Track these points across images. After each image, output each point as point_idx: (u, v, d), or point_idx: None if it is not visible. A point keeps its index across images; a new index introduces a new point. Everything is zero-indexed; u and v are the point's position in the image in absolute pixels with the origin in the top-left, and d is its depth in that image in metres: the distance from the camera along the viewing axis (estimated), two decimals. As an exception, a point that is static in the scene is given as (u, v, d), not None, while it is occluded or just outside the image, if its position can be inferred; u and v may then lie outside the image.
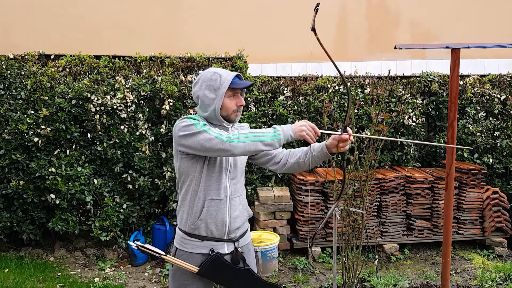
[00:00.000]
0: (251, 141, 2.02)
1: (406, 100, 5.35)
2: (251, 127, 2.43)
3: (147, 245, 2.20)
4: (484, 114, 5.57)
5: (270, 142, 2.03)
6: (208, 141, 2.02)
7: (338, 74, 5.62)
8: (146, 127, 4.79)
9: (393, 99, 5.34)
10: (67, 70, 5.03)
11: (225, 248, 2.24)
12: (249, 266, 2.31)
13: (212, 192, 2.19)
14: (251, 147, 2.02)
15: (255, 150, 2.05)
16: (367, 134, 5.07)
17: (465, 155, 5.39)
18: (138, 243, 2.22)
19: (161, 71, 5.07)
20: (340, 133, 2.18)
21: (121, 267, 4.60)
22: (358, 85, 5.40)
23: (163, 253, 2.21)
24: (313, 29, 2.14)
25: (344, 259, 3.86)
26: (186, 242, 2.23)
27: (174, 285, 2.26)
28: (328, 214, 2.54)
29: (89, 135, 4.75)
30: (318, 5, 2.10)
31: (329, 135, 2.17)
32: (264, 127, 5.19)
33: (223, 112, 2.19)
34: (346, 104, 5.25)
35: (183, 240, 2.24)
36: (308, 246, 4.73)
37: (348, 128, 2.19)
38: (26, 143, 4.56)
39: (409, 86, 5.55)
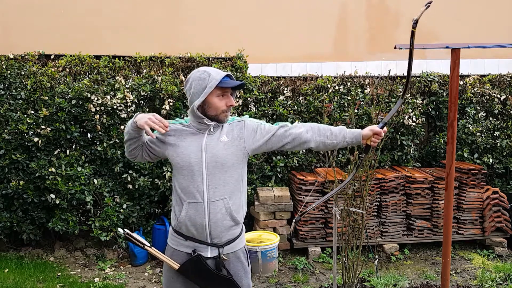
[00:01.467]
0: (126, 129, 2.24)
1: (406, 100, 5.35)
2: None
3: (134, 234, 2.23)
4: (484, 114, 5.57)
5: (126, 130, 2.23)
6: None
7: (339, 74, 5.64)
8: (146, 127, 4.79)
9: (393, 99, 5.34)
10: (67, 70, 5.03)
11: (209, 252, 2.21)
12: (232, 275, 2.23)
13: (188, 195, 2.17)
14: (126, 135, 2.24)
15: (128, 139, 2.24)
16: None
17: (465, 155, 5.39)
18: (126, 230, 2.24)
19: (161, 71, 5.07)
20: (380, 127, 2.25)
21: (121, 267, 4.60)
22: (358, 85, 5.40)
23: (148, 244, 2.24)
24: (416, 22, 2.15)
25: (344, 259, 3.86)
26: (173, 238, 2.27)
27: (164, 278, 2.32)
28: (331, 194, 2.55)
29: (89, 135, 4.75)
30: (430, 2, 2.13)
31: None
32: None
33: (212, 111, 2.18)
34: (346, 104, 5.25)
35: (171, 236, 2.30)
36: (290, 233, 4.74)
37: (385, 128, 2.27)
38: (26, 143, 4.56)
39: (409, 86, 5.55)
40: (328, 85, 5.32)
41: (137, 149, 2.27)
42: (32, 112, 4.58)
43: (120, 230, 2.28)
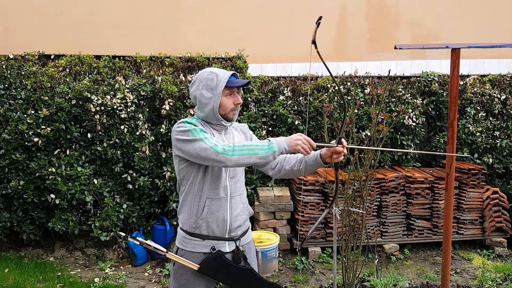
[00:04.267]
0: (245, 154, 2.05)
1: (406, 100, 5.35)
2: (250, 128, 2.44)
3: (149, 241, 2.20)
4: (484, 114, 5.57)
5: (264, 155, 2.05)
6: (203, 151, 2.04)
7: (339, 74, 5.64)
8: (146, 127, 4.79)
9: (393, 99, 5.34)
10: (67, 70, 5.03)
11: (227, 247, 2.25)
12: (250, 265, 2.32)
13: (212, 191, 2.20)
14: (244, 160, 2.05)
15: (248, 163, 2.07)
16: (363, 142, 5.07)
17: (465, 155, 5.39)
18: (140, 239, 2.20)
19: (161, 71, 5.07)
20: (335, 145, 2.17)
21: (121, 267, 4.60)
22: (358, 85, 5.40)
23: (165, 250, 2.21)
24: (314, 42, 2.15)
25: (344, 259, 3.85)
26: (188, 241, 2.24)
27: (175, 284, 2.27)
28: (322, 216, 2.54)
29: (89, 135, 4.75)
30: (320, 18, 2.11)
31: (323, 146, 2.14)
32: (264, 127, 5.21)
33: (221, 110, 2.21)
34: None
35: (184, 239, 2.26)
36: (297, 249, 4.77)
37: (343, 140, 2.19)
38: (26, 143, 4.56)
39: (409, 86, 5.55)
40: (328, 85, 5.32)
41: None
42: (32, 112, 4.58)
43: (133, 240, 2.22)
